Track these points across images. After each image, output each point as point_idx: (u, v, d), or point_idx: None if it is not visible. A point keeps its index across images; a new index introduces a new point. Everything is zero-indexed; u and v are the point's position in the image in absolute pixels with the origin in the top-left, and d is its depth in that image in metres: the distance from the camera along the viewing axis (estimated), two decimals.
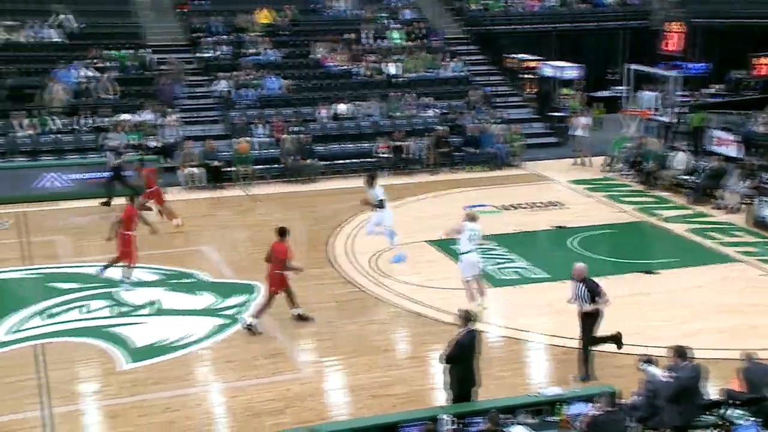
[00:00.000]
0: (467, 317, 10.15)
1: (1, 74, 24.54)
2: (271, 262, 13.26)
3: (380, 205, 16.27)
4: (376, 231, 16.58)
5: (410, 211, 20.08)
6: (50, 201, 20.90)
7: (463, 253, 14.05)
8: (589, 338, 11.52)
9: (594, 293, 11.42)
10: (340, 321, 13.85)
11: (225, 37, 28.22)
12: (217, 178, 22.56)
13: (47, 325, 13.63)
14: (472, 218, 14.30)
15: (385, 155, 24.00)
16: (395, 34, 29.65)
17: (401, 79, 27.71)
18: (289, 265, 13.26)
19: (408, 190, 21.97)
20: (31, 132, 22.88)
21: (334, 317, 14.00)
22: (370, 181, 16.50)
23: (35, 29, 26.55)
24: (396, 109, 26.07)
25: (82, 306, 14.37)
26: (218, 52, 27.65)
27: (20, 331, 13.36)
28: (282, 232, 13.31)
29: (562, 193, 21.93)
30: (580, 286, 11.54)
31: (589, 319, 11.47)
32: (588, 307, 11.42)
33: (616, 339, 11.70)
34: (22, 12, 27.20)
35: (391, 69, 27.88)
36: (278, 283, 13.31)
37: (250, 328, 13.22)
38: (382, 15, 30.84)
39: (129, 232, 14.98)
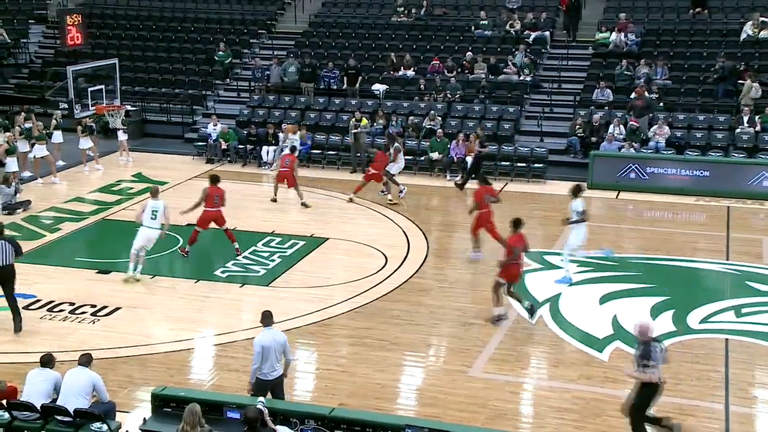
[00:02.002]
0: None
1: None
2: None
3: (583, 218, 15.13)
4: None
5: None
6: (762, 200, 20.63)
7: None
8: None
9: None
10: None
11: None
12: None
13: (737, 322, 13.66)
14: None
15: None
16: None
17: None
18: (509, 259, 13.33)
19: None
20: (754, 129, 22.81)
21: None
22: (575, 192, 15.29)
23: None
24: None
25: None
26: None
27: (709, 322, 13.67)
28: (516, 224, 13.65)
29: None
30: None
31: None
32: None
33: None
34: None
35: None
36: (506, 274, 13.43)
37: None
38: None
39: None
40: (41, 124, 23.03)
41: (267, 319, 10.27)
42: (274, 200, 20.32)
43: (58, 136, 23.30)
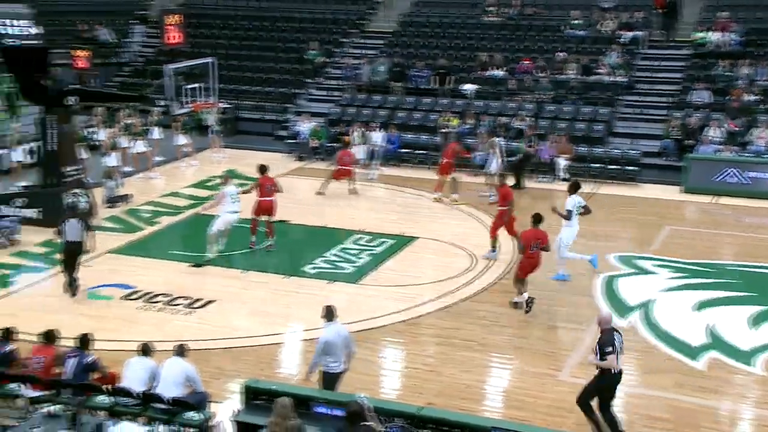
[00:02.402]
0: None
1: None
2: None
3: (567, 216, 15.14)
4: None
5: None
6: None
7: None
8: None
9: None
10: None
11: None
12: None
13: None
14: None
15: None
16: None
17: None
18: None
19: None
20: None
21: None
22: (571, 189, 15.47)
23: None
24: None
25: None
26: None
27: None
28: (536, 219, 14.03)
29: None
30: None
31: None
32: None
33: None
34: None
35: None
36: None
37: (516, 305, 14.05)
38: None
39: None
40: (142, 121, 23.82)
41: (330, 314, 10.43)
42: (354, 191, 20.92)
43: (156, 133, 24.04)
